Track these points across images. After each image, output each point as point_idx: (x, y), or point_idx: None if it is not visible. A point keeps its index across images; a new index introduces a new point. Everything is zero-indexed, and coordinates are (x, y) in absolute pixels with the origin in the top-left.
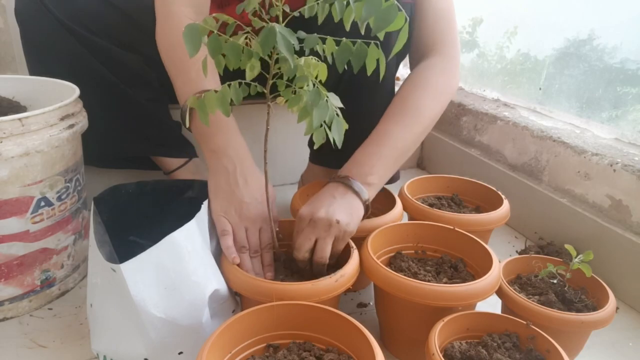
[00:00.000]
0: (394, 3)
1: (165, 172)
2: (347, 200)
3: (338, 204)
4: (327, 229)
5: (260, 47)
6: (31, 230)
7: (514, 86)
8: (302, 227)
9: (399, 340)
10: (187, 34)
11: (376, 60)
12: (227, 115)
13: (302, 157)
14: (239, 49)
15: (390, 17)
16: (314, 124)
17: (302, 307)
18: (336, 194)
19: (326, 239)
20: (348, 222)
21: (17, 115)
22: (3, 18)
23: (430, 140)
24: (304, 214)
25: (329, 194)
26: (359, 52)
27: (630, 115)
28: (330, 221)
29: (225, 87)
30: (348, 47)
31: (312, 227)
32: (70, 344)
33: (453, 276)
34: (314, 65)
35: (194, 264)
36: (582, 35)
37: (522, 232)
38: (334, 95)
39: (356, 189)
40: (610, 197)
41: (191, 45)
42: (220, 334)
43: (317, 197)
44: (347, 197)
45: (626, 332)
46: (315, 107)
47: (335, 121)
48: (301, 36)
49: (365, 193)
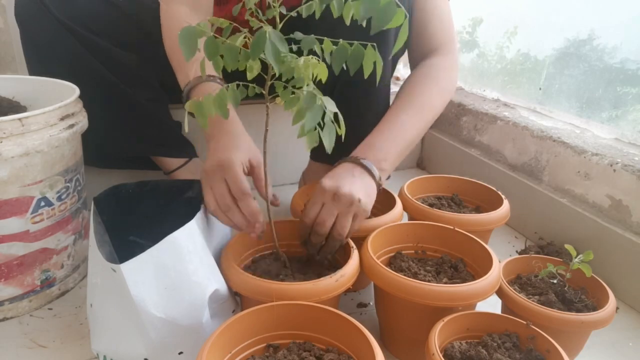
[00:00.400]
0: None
1: (165, 172)
2: (366, 181)
3: (359, 183)
4: (349, 205)
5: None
6: (31, 230)
7: (514, 86)
8: (323, 201)
9: (399, 340)
10: (182, 37)
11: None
12: (226, 117)
13: (302, 157)
14: (236, 50)
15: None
16: (306, 127)
17: (302, 307)
18: (355, 173)
19: (347, 215)
20: (367, 202)
21: (17, 115)
22: (3, 18)
23: (430, 140)
24: (328, 187)
25: (349, 173)
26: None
27: (630, 115)
28: (353, 198)
29: (223, 90)
30: (345, 48)
31: (336, 202)
32: (70, 344)
33: (453, 276)
34: (313, 65)
35: (194, 264)
36: (582, 35)
37: (522, 232)
38: (329, 99)
39: (373, 172)
40: (610, 197)
41: (187, 49)
42: (220, 334)
43: (337, 173)
44: (365, 179)
45: (626, 332)
46: (309, 110)
47: (327, 126)
48: (298, 37)
49: (379, 177)
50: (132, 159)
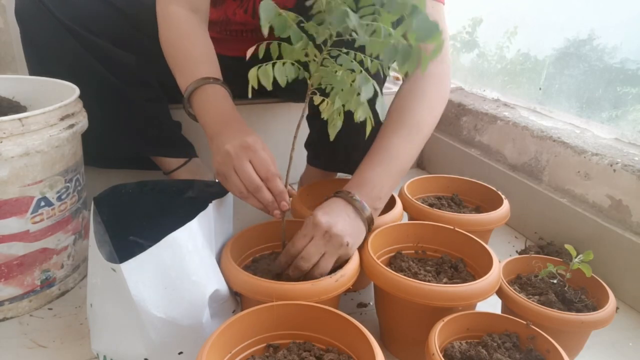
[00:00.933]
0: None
1: (165, 172)
2: (357, 224)
3: (350, 225)
4: (339, 247)
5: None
6: (31, 230)
7: (514, 86)
8: (314, 234)
9: (399, 340)
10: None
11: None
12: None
13: (303, 157)
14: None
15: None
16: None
17: (302, 307)
18: (349, 213)
19: (333, 255)
20: (352, 245)
21: (17, 115)
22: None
23: (430, 140)
24: (322, 222)
25: (343, 212)
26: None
27: (630, 115)
28: (342, 241)
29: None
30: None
31: (326, 240)
32: (70, 344)
33: (453, 276)
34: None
35: (194, 263)
36: (582, 35)
37: (522, 232)
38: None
39: (366, 215)
40: (610, 197)
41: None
42: (220, 334)
43: (332, 209)
44: (358, 222)
45: (626, 332)
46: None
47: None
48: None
49: (372, 220)
50: (132, 159)
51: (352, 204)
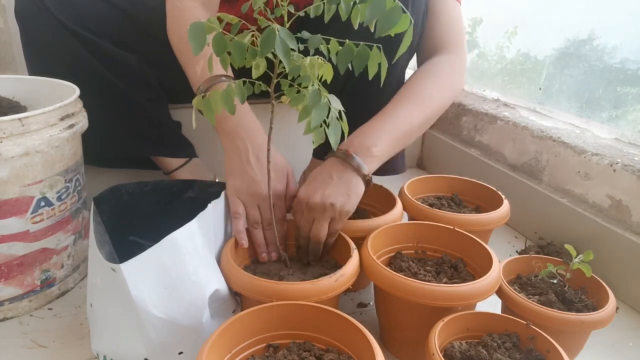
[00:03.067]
0: (397, 5)
1: (165, 172)
2: (345, 179)
3: (335, 185)
4: (323, 212)
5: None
6: (31, 230)
7: (514, 86)
8: (301, 209)
9: (399, 340)
10: (191, 32)
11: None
12: (233, 113)
13: (303, 157)
14: (243, 47)
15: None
16: (312, 124)
17: (302, 307)
18: (334, 173)
19: (321, 221)
20: (343, 203)
21: (17, 115)
22: (3, 18)
23: (430, 140)
24: (302, 197)
25: (327, 174)
26: (360, 55)
27: (630, 115)
28: (325, 205)
29: (229, 86)
30: (350, 49)
31: (308, 210)
32: (70, 344)
33: (453, 276)
34: (319, 65)
35: (195, 263)
36: (582, 35)
37: (522, 232)
38: (335, 97)
39: (355, 165)
40: (610, 197)
41: (196, 44)
42: (220, 334)
43: (314, 177)
44: (345, 176)
45: (626, 332)
46: (315, 108)
47: (332, 123)
48: (305, 36)
49: (365, 168)
50: (132, 159)
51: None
